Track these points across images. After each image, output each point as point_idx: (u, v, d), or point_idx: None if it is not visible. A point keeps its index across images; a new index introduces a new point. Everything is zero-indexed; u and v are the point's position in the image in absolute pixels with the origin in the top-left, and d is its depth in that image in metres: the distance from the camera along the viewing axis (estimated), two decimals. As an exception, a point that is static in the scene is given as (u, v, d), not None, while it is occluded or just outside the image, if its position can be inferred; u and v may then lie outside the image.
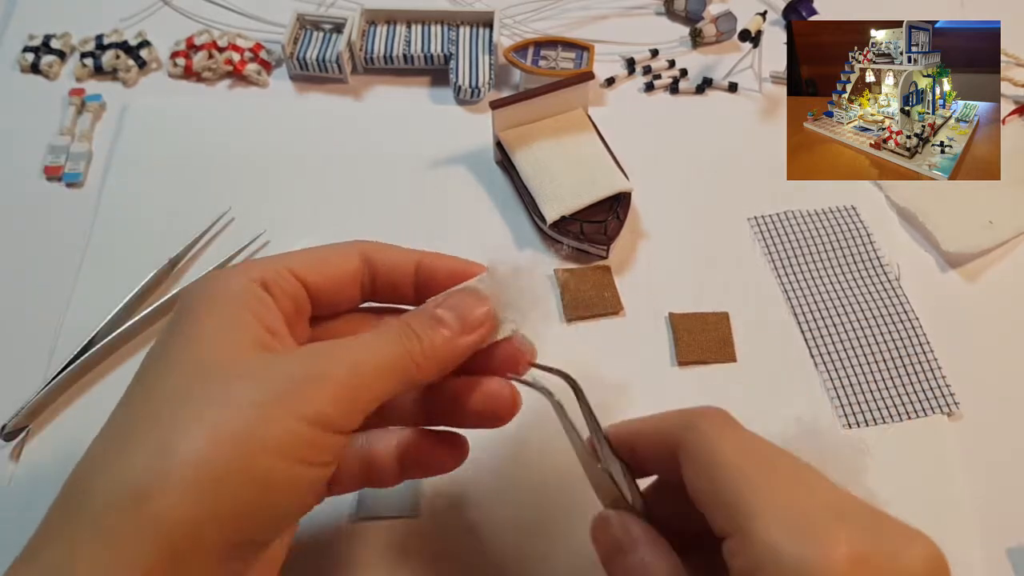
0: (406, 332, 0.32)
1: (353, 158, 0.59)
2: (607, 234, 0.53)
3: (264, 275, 0.32)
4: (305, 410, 0.28)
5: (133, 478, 0.26)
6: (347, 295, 0.35)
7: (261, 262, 0.33)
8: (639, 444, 0.33)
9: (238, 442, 0.27)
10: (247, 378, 0.28)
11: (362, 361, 0.30)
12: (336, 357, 0.30)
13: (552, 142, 0.56)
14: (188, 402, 0.27)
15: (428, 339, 0.32)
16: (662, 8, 0.70)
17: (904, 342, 0.51)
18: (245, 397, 0.28)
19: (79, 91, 0.62)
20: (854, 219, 0.56)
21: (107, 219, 0.56)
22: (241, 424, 0.27)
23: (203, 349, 0.29)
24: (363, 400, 0.30)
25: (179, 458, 0.26)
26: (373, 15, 0.65)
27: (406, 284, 0.36)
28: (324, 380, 0.29)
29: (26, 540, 0.43)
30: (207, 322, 0.30)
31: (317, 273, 0.34)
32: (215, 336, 0.30)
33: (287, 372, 0.29)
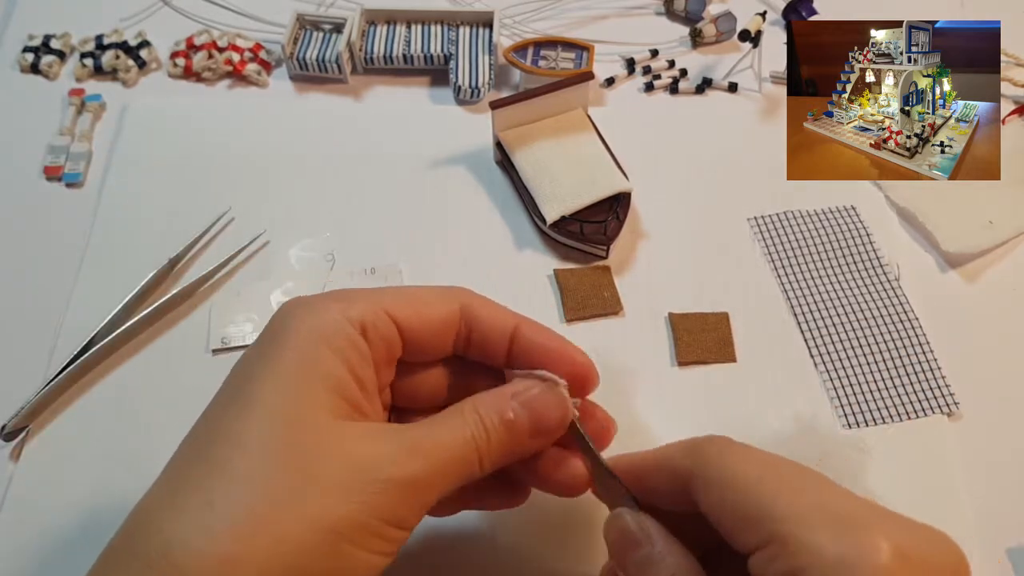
0: (476, 426, 0.31)
1: (353, 158, 0.59)
2: (607, 234, 0.53)
3: (363, 316, 0.31)
4: (382, 508, 0.28)
5: (210, 544, 0.26)
6: (441, 345, 0.34)
7: (360, 297, 0.32)
8: (646, 476, 0.33)
9: (316, 527, 0.27)
10: (335, 459, 0.28)
11: (432, 461, 0.30)
12: (412, 459, 0.29)
13: (552, 142, 0.56)
14: (274, 473, 0.27)
15: (496, 437, 0.31)
16: (662, 8, 0.70)
17: (904, 342, 0.51)
18: (331, 480, 0.27)
19: (79, 91, 0.62)
20: (854, 219, 0.56)
21: (107, 219, 0.56)
22: (321, 509, 0.27)
23: (292, 405, 0.29)
24: (430, 500, 0.30)
25: (253, 540, 0.26)
26: (373, 15, 0.65)
27: (500, 346, 0.34)
28: (400, 484, 0.29)
29: (27, 539, 0.44)
30: (299, 369, 0.29)
31: (415, 318, 0.33)
32: (305, 391, 0.29)
33: (370, 466, 0.28)
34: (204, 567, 0.25)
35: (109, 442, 0.47)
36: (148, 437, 0.47)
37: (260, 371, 0.29)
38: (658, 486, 0.33)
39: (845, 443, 0.47)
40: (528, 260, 0.54)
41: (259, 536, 0.26)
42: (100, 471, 0.46)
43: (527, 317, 0.35)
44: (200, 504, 0.26)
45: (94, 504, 0.44)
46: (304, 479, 0.27)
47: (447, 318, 0.34)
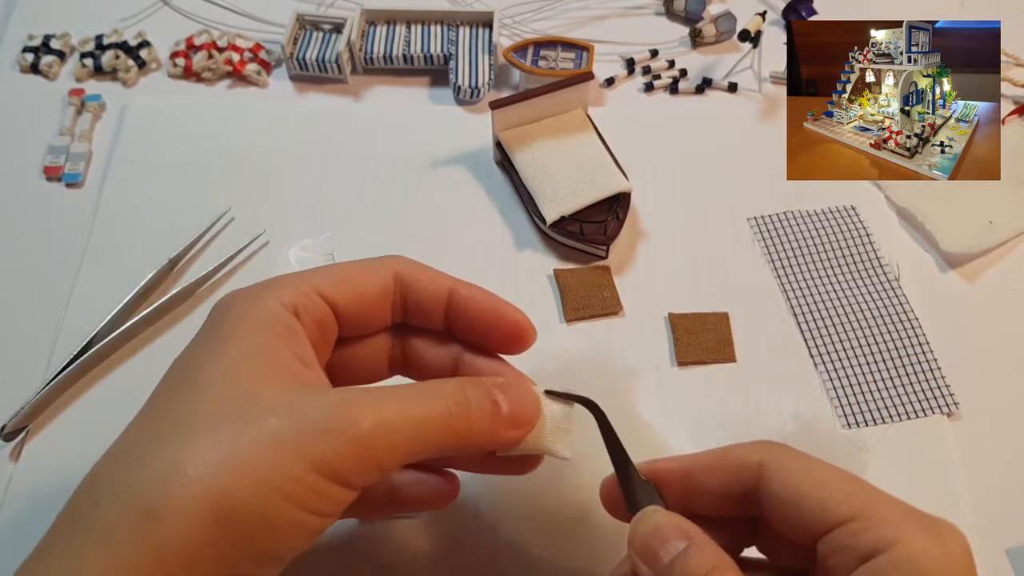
0: (456, 401, 0.31)
1: (353, 158, 0.59)
2: (606, 234, 0.53)
3: (295, 299, 0.32)
4: (319, 461, 0.27)
5: (146, 495, 0.26)
6: (378, 317, 0.35)
7: (291, 281, 0.33)
8: (695, 475, 0.33)
9: (251, 479, 0.27)
10: (271, 415, 0.28)
11: (390, 420, 0.29)
12: (362, 412, 0.29)
13: (552, 142, 0.56)
14: (210, 429, 0.27)
15: (479, 417, 0.31)
16: (662, 8, 0.70)
17: (904, 342, 0.51)
18: (265, 435, 0.27)
19: (79, 91, 0.62)
20: (854, 219, 0.56)
21: (107, 219, 0.56)
22: (257, 462, 0.27)
23: (232, 375, 0.29)
24: (381, 461, 0.29)
25: (192, 485, 0.26)
26: (373, 15, 0.65)
27: (437, 309, 0.35)
28: (343, 434, 0.28)
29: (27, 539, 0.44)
30: (238, 346, 0.30)
31: (347, 294, 0.33)
32: (245, 363, 0.29)
33: (311, 417, 0.28)
34: (130, 516, 0.26)
35: (109, 442, 0.46)
36: (148, 437, 0.47)
37: (206, 358, 0.30)
38: (709, 484, 0.33)
39: (845, 443, 0.47)
40: (528, 260, 0.54)
41: (189, 487, 0.26)
42: (100, 471, 0.46)
43: (462, 280, 0.35)
44: (130, 460, 0.27)
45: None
46: (240, 434, 0.27)
47: (380, 289, 0.34)
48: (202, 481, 0.26)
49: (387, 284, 0.34)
